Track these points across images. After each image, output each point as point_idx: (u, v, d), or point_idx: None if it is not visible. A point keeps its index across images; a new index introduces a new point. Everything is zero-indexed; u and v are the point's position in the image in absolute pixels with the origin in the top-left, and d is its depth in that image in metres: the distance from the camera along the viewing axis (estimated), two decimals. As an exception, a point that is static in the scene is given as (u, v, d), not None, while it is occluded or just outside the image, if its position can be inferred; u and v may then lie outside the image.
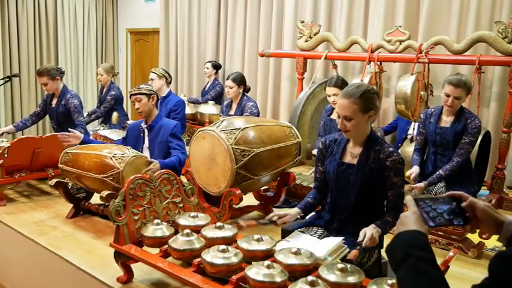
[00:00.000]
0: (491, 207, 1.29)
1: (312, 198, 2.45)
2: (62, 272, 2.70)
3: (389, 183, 2.22)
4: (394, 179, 2.21)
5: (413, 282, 1.09)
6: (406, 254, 1.14)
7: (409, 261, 1.12)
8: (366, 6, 4.93)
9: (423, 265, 1.11)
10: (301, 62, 4.83)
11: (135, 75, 8.29)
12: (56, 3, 7.47)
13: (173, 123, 3.58)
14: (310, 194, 2.48)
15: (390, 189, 2.23)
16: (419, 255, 1.13)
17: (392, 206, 2.25)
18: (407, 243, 1.17)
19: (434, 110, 3.37)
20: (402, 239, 1.20)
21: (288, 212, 2.34)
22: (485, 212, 1.28)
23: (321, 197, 2.49)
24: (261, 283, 1.80)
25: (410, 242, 1.17)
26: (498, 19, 3.96)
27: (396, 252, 1.18)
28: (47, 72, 4.19)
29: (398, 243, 1.20)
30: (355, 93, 2.15)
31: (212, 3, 6.44)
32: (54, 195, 3.68)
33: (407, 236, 1.19)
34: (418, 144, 3.42)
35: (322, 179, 2.45)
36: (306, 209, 2.42)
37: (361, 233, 2.10)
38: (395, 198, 2.24)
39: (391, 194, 2.23)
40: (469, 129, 3.17)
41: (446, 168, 3.15)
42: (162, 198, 2.53)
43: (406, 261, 1.13)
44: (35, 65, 7.08)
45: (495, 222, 1.27)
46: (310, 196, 2.47)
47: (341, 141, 2.35)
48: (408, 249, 1.15)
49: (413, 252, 1.13)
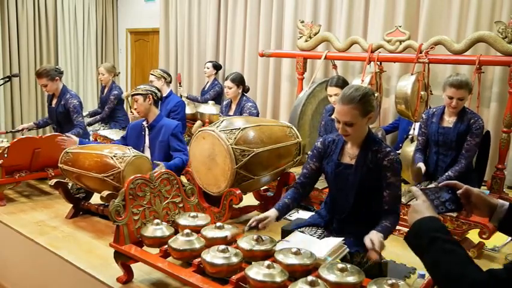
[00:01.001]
0: (483, 193, 1.44)
1: (289, 199, 2.38)
2: (62, 272, 2.70)
3: (385, 183, 2.20)
4: (391, 179, 2.19)
5: (446, 262, 1.16)
6: (431, 238, 1.21)
7: (436, 244, 1.19)
8: (366, 6, 4.92)
9: (451, 246, 1.19)
10: (301, 62, 4.83)
11: (135, 75, 8.29)
12: (56, 4, 7.47)
13: (174, 123, 3.59)
14: (288, 194, 2.41)
15: (387, 189, 2.21)
16: (445, 238, 1.21)
17: (389, 208, 2.21)
18: (429, 228, 1.24)
19: (436, 110, 3.37)
20: (423, 225, 1.26)
21: (267, 215, 2.26)
22: (480, 197, 1.43)
23: (300, 196, 2.43)
24: (261, 283, 1.80)
25: (433, 227, 1.24)
26: (498, 19, 3.96)
27: (420, 238, 1.24)
28: (46, 73, 4.19)
29: (420, 229, 1.26)
30: (354, 98, 2.13)
31: (212, 3, 6.44)
32: (54, 195, 3.68)
33: (428, 222, 1.26)
34: (420, 144, 3.42)
35: (308, 176, 2.42)
36: (283, 209, 2.35)
37: (367, 241, 2.03)
38: (391, 199, 2.21)
39: (388, 194, 2.21)
40: (473, 129, 3.17)
41: (455, 170, 3.15)
42: (162, 198, 2.53)
43: (434, 244, 1.19)
44: (35, 65, 7.07)
45: (488, 205, 1.42)
46: (287, 197, 2.40)
47: (339, 141, 2.35)
48: (433, 234, 1.22)
49: (438, 235, 1.21)
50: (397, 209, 2.26)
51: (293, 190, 2.44)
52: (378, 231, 2.10)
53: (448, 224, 2.92)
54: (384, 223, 2.17)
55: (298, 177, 2.48)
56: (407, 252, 2.91)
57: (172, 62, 7.17)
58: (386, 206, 2.22)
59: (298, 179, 2.48)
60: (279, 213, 2.31)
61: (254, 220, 2.23)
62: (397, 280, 1.78)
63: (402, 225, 3.11)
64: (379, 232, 2.10)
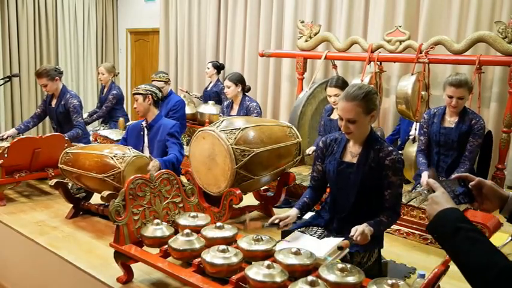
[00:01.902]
0: (496, 185, 1.47)
1: (308, 198, 2.44)
2: (62, 272, 2.70)
3: (386, 182, 2.21)
4: (392, 178, 2.20)
5: (473, 251, 1.18)
6: (455, 228, 1.23)
7: (461, 233, 1.21)
8: (366, 6, 4.92)
9: (476, 235, 1.21)
10: (301, 62, 4.83)
11: (135, 75, 8.29)
12: (56, 3, 7.47)
13: (172, 123, 3.59)
14: (306, 194, 2.47)
15: (388, 188, 2.22)
16: (468, 227, 1.23)
17: (389, 206, 2.23)
18: (452, 218, 1.26)
19: (437, 110, 3.38)
20: (446, 215, 1.28)
21: (289, 214, 2.32)
22: (492, 189, 1.45)
23: (317, 197, 2.48)
24: (261, 283, 1.80)
25: (456, 217, 1.26)
26: (498, 19, 3.95)
27: (443, 228, 1.27)
28: (46, 74, 4.20)
29: (443, 219, 1.28)
30: (358, 96, 2.14)
31: (212, 3, 6.44)
32: (54, 195, 3.68)
33: (450, 213, 1.28)
34: (422, 144, 3.42)
35: (319, 178, 2.45)
36: (304, 209, 2.41)
37: (353, 229, 2.10)
38: (392, 198, 2.22)
39: (389, 193, 2.22)
40: (475, 130, 3.17)
41: (461, 171, 3.15)
42: (162, 198, 2.53)
43: (458, 233, 1.21)
44: (35, 65, 7.07)
45: (500, 197, 1.44)
46: (306, 196, 2.45)
47: (341, 140, 2.35)
48: (456, 223, 1.23)
49: (461, 225, 1.23)
50: (398, 208, 2.27)
51: (310, 191, 2.49)
52: (370, 224, 2.14)
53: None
54: (380, 217, 2.20)
55: (310, 180, 2.52)
56: (407, 252, 2.92)
57: (172, 62, 7.17)
58: (386, 204, 2.24)
59: (310, 182, 2.52)
60: (299, 212, 2.38)
61: (276, 218, 2.29)
62: (397, 280, 1.78)
63: (402, 226, 3.11)
64: (370, 225, 2.13)
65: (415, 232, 3.05)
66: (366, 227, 2.11)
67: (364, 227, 2.10)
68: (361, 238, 2.06)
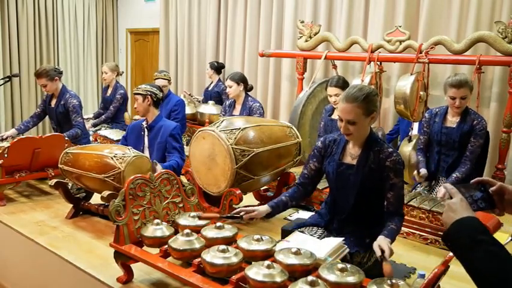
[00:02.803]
0: None
1: (287, 196, 2.36)
2: (62, 272, 2.70)
3: (388, 184, 2.20)
4: (394, 180, 2.19)
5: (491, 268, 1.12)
6: (474, 240, 1.16)
7: (480, 246, 1.15)
8: (366, 6, 4.92)
9: (495, 249, 1.15)
10: (301, 62, 4.83)
11: (135, 75, 8.29)
12: (56, 3, 7.47)
13: (173, 124, 3.58)
14: (287, 192, 2.41)
15: (390, 190, 2.21)
16: (488, 240, 1.16)
17: (393, 209, 2.21)
18: (471, 229, 1.19)
19: (439, 109, 3.38)
20: (464, 226, 1.21)
21: (256, 208, 2.26)
22: None
23: (299, 196, 2.42)
24: (261, 283, 1.80)
25: (474, 228, 1.19)
26: (498, 19, 3.95)
27: (460, 240, 1.20)
28: (45, 74, 4.20)
29: (460, 230, 1.21)
30: (358, 97, 2.13)
31: (212, 3, 6.44)
32: (54, 195, 3.68)
33: (468, 223, 1.21)
34: (422, 143, 3.43)
35: (309, 177, 2.41)
36: (278, 206, 2.33)
37: (376, 248, 1.98)
38: (395, 200, 2.21)
39: (391, 195, 2.21)
40: (477, 130, 3.17)
41: (462, 171, 3.16)
42: (162, 198, 2.53)
43: (478, 246, 1.15)
44: (35, 65, 7.07)
45: None
46: (286, 194, 2.39)
47: (340, 141, 2.34)
48: (475, 236, 1.17)
49: (481, 237, 1.16)
50: (401, 210, 2.26)
51: (293, 189, 2.44)
52: (385, 235, 2.07)
53: (448, 224, 2.92)
54: (390, 226, 2.15)
55: (299, 178, 2.48)
56: (407, 252, 2.92)
57: (172, 62, 7.17)
58: (390, 207, 2.22)
59: (298, 179, 2.47)
60: (271, 209, 2.30)
61: (241, 210, 2.24)
62: (397, 280, 1.78)
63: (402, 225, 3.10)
64: (387, 237, 2.06)
65: (415, 232, 3.05)
66: (386, 241, 2.01)
67: (385, 241, 2.00)
68: (389, 253, 1.96)
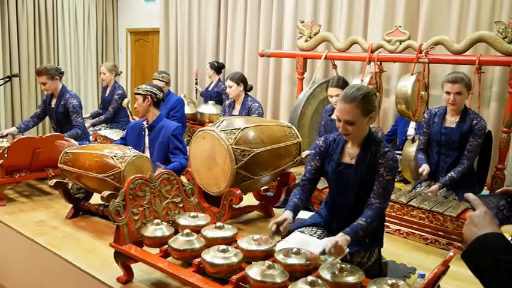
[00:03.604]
0: None
1: (298, 198, 2.32)
2: (62, 272, 2.70)
3: (377, 175, 2.17)
4: (382, 171, 2.15)
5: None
6: (495, 260, 1.08)
7: (501, 268, 1.07)
8: (366, 6, 4.92)
9: None
10: (301, 62, 4.83)
11: (135, 75, 8.29)
12: (56, 3, 7.47)
13: (175, 124, 3.57)
14: (296, 194, 2.35)
15: (376, 180, 2.16)
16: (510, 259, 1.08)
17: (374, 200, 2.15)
18: (492, 248, 1.11)
19: (438, 110, 3.38)
20: (486, 243, 1.12)
21: (285, 217, 2.17)
22: None
23: (305, 197, 2.37)
24: (261, 283, 1.80)
25: (496, 247, 1.11)
26: (498, 19, 3.95)
27: (481, 259, 1.11)
28: (46, 72, 4.21)
29: (481, 248, 1.12)
30: (356, 97, 2.12)
31: (212, 3, 6.44)
32: (54, 195, 3.67)
33: (490, 241, 1.12)
34: (422, 144, 3.43)
35: (314, 173, 2.38)
36: (296, 210, 2.29)
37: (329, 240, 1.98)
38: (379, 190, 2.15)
39: (376, 185, 2.16)
40: (476, 130, 3.18)
41: (458, 171, 3.17)
42: (162, 198, 2.53)
43: (498, 268, 1.07)
44: (35, 65, 7.07)
45: None
46: (296, 196, 2.33)
47: (339, 141, 2.34)
48: (496, 255, 1.09)
49: (503, 257, 1.08)
50: (384, 202, 2.19)
51: (300, 189, 2.38)
52: (346, 233, 2.02)
53: (448, 224, 2.92)
54: (359, 221, 2.09)
55: (303, 175, 2.41)
56: (407, 252, 2.92)
57: (172, 62, 7.17)
58: (372, 195, 2.17)
59: (304, 176, 2.41)
60: (293, 213, 2.24)
61: (274, 223, 2.13)
62: (397, 280, 1.78)
63: (402, 226, 3.11)
64: (346, 234, 2.01)
65: (415, 232, 3.05)
66: (340, 238, 1.97)
67: (339, 238, 1.97)
68: (335, 251, 1.92)
